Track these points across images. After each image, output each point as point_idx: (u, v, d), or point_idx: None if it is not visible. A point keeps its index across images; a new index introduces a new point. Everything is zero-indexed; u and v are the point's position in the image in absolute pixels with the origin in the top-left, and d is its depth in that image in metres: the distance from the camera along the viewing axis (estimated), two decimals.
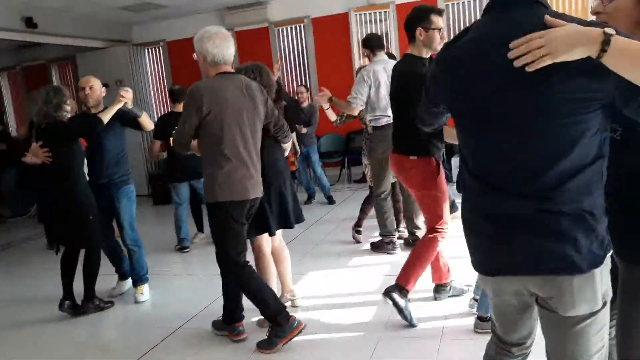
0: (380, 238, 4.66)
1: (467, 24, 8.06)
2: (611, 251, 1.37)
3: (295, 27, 8.70)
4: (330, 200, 6.76)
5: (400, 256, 4.46)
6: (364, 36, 4.76)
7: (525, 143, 1.32)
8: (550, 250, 1.33)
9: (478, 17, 1.44)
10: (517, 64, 1.23)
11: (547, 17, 1.25)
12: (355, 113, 4.48)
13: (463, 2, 7.85)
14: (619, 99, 1.21)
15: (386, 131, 4.35)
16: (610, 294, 1.40)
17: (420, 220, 4.67)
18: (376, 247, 4.64)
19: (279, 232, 3.37)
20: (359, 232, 4.99)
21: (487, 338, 1.76)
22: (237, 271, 2.98)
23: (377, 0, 8.08)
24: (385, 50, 4.76)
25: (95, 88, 3.90)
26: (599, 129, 1.28)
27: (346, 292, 3.79)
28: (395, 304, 3.05)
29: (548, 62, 1.19)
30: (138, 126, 4.00)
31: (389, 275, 4.07)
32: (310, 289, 3.91)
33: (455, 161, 7.57)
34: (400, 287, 3.07)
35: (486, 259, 1.50)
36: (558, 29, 1.20)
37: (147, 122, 4.03)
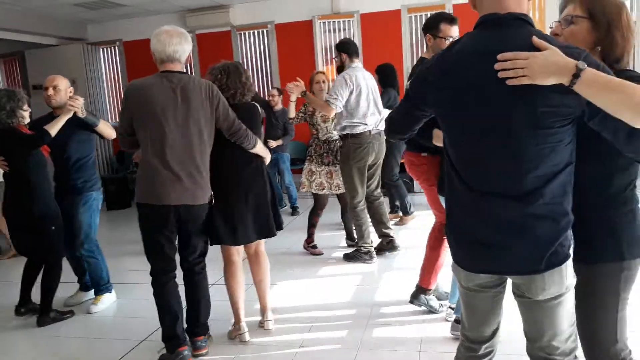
0: (354, 249, 4.61)
1: None
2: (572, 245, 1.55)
3: (259, 32, 8.60)
4: (295, 211, 6.66)
5: (373, 266, 4.45)
6: (341, 39, 4.63)
7: (511, 151, 1.46)
8: (533, 255, 1.49)
9: None
10: (501, 75, 1.41)
11: (535, 39, 1.41)
12: (332, 115, 4.38)
13: (425, 14, 7.98)
14: (586, 113, 1.41)
15: (362, 139, 4.34)
16: (574, 282, 1.57)
17: (391, 222, 4.70)
18: (351, 258, 4.57)
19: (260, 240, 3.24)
20: (314, 247, 4.91)
21: None
22: (151, 281, 2.93)
23: (342, 9, 8.10)
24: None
25: (60, 88, 3.65)
26: (571, 139, 1.47)
27: (319, 303, 3.71)
28: (426, 306, 3.31)
29: (526, 82, 1.37)
30: (100, 134, 3.78)
31: (361, 285, 4.05)
32: (281, 299, 3.81)
33: None
34: (422, 289, 3.30)
35: (474, 259, 1.61)
36: (540, 56, 1.36)
37: (107, 131, 3.78)
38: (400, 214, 5.88)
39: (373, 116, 4.36)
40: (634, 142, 1.42)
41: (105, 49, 9.26)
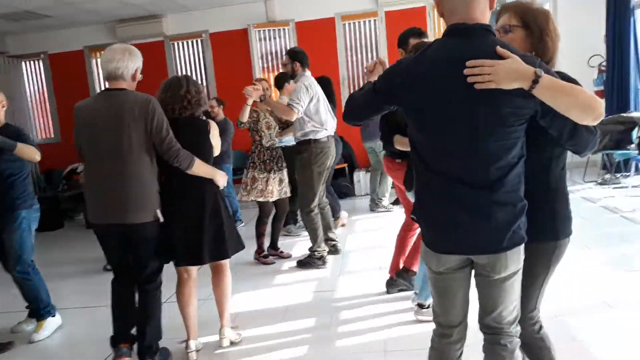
0: (307, 254, 4.61)
1: (362, 40, 8.40)
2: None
3: (193, 42, 8.45)
4: (237, 222, 6.56)
5: (326, 271, 4.46)
6: (293, 48, 4.73)
7: (478, 146, 1.63)
8: (497, 237, 1.67)
9: (372, 35, 1.54)
10: (469, 80, 1.56)
11: (498, 48, 1.57)
12: (293, 119, 4.34)
13: (359, 22, 8.15)
14: (539, 112, 1.61)
15: (323, 144, 4.43)
16: (523, 257, 1.77)
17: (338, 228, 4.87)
18: (304, 265, 4.56)
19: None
20: (265, 257, 4.87)
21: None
22: (112, 279, 3.04)
23: (277, 17, 8.11)
24: None
25: None
26: (523, 134, 1.66)
27: (279, 314, 3.65)
28: (406, 287, 3.57)
29: (492, 86, 1.54)
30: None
31: (318, 291, 4.04)
32: (240, 311, 3.71)
33: (357, 176, 7.77)
34: (406, 270, 3.56)
35: (445, 242, 1.76)
36: (504, 63, 1.53)
37: (29, 155, 3.45)
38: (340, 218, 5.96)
39: (332, 121, 4.52)
40: (575, 137, 1.64)
41: (28, 62, 8.76)
